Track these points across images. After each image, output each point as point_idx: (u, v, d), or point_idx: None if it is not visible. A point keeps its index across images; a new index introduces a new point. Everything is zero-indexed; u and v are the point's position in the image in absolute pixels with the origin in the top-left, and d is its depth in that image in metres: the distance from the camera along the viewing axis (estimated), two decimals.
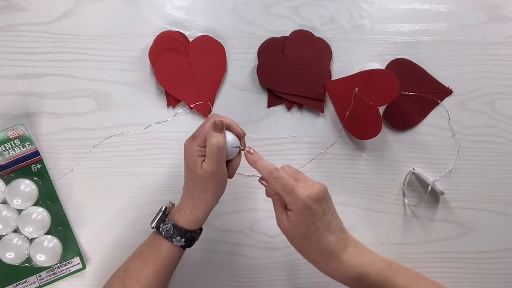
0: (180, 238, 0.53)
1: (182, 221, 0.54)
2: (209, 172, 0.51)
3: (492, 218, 0.68)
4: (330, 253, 0.49)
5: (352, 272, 0.49)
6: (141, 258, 0.54)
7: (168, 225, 0.53)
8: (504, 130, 0.69)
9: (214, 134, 0.51)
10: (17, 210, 0.63)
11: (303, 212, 0.48)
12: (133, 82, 0.68)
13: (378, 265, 0.49)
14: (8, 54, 0.67)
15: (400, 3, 0.71)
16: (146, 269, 0.53)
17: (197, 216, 0.54)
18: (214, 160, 0.51)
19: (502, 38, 0.70)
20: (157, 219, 0.55)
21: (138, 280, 0.52)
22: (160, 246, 0.54)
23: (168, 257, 0.54)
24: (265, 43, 0.69)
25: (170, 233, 0.53)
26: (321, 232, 0.48)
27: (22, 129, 0.63)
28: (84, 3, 0.68)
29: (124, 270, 0.54)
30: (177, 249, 0.54)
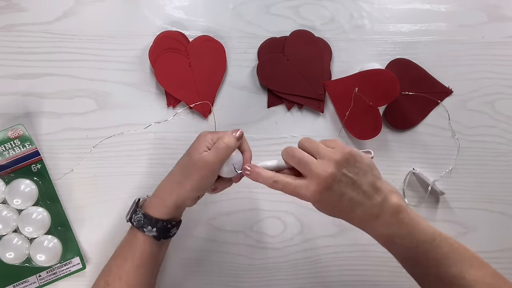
0: (151, 228, 0.53)
1: (153, 210, 0.53)
2: (205, 160, 0.51)
3: (492, 218, 0.68)
4: (362, 222, 0.49)
5: (383, 239, 0.49)
6: (120, 255, 0.54)
7: (138, 214, 0.53)
8: (504, 130, 0.69)
9: (230, 135, 0.52)
10: (17, 210, 0.63)
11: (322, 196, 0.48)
12: (133, 82, 0.68)
13: (417, 237, 0.47)
14: (8, 54, 0.67)
15: (400, 3, 0.71)
16: (126, 266, 0.53)
17: (167, 205, 0.53)
18: (216, 153, 0.51)
19: (502, 38, 0.70)
20: (130, 211, 0.55)
21: (120, 278, 0.52)
22: (135, 240, 0.54)
23: (145, 250, 0.53)
24: (265, 43, 0.69)
25: (141, 223, 0.53)
26: (357, 199, 0.48)
27: (22, 129, 0.63)
28: (84, 3, 0.68)
29: (107, 268, 0.55)
30: (151, 240, 0.53)
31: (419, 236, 0.48)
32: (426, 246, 0.47)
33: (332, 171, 0.47)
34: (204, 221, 0.66)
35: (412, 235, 0.48)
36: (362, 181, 0.48)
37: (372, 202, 0.48)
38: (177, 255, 0.65)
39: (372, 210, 0.48)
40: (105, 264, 0.56)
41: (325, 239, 0.67)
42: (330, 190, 0.47)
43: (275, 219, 0.67)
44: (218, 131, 0.55)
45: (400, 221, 0.48)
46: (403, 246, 0.48)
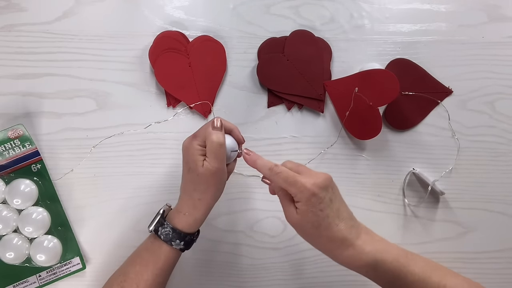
0: (180, 242, 0.53)
1: (182, 224, 0.53)
2: (211, 170, 0.51)
3: (492, 218, 0.68)
4: (343, 241, 0.48)
5: (368, 258, 0.48)
6: (140, 262, 0.54)
7: (167, 228, 0.53)
8: (504, 130, 0.69)
9: (214, 132, 0.52)
10: (17, 210, 0.63)
11: (310, 200, 0.47)
12: (133, 82, 0.68)
13: (393, 252, 0.49)
14: (8, 54, 0.67)
15: (400, 3, 0.71)
16: (145, 274, 0.52)
17: (196, 217, 0.54)
18: (216, 158, 0.51)
19: (502, 38, 0.70)
20: (155, 222, 0.54)
21: (138, 285, 0.52)
22: (159, 250, 0.53)
23: (168, 260, 0.54)
24: (265, 43, 0.69)
25: (169, 236, 0.53)
26: (331, 219, 0.48)
27: (22, 129, 0.63)
28: (84, 3, 0.68)
29: (122, 274, 0.54)
30: (176, 252, 0.54)
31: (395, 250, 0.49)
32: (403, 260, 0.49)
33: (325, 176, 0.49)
34: (204, 221, 0.66)
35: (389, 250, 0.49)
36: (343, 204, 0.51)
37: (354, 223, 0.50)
38: None
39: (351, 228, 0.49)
40: (118, 268, 0.55)
41: None
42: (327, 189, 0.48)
43: (275, 219, 0.67)
44: (197, 133, 0.54)
45: (374, 238, 0.50)
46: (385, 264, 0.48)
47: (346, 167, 0.68)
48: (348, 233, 0.48)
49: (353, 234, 0.49)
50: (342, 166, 0.68)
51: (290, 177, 0.48)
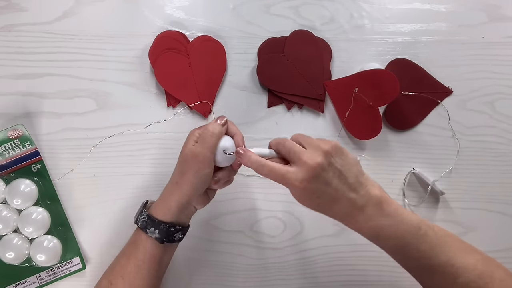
0: (154, 229, 0.52)
1: (157, 212, 0.53)
2: (193, 152, 0.51)
3: (492, 218, 0.68)
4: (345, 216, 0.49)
5: (369, 233, 0.49)
6: (123, 255, 0.55)
7: (143, 215, 0.54)
8: (504, 130, 0.69)
9: (214, 123, 0.52)
10: (17, 210, 0.63)
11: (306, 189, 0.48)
12: (133, 82, 0.68)
13: (401, 227, 0.47)
14: (8, 54, 0.67)
15: (400, 3, 0.71)
16: (128, 266, 0.53)
17: (169, 205, 0.53)
18: (202, 142, 0.51)
19: (502, 38, 0.70)
20: (137, 212, 0.55)
21: (123, 277, 0.53)
22: (138, 240, 0.54)
23: (147, 251, 0.53)
24: (265, 43, 0.69)
25: (144, 223, 0.53)
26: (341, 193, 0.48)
27: (22, 129, 0.63)
28: (84, 3, 0.68)
29: (110, 269, 0.55)
30: (154, 242, 0.53)
31: (403, 226, 0.48)
32: (412, 236, 0.47)
33: (321, 160, 0.47)
34: (204, 221, 0.66)
35: (396, 226, 0.48)
36: (348, 173, 0.48)
37: (356, 195, 0.48)
38: (177, 255, 0.65)
39: (356, 203, 0.48)
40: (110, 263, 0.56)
41: (325, 239, 0.67)
42: (317, 178, 0.47)
43: (275, 219, 0.67)
44: (205, 124, 0.54)
45: (383, 212, 0.48)
46: (388, 239, 0.48)
47: None
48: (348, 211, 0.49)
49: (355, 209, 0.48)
50: None
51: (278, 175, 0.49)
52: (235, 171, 0.56)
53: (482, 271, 0.46)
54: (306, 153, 0.48)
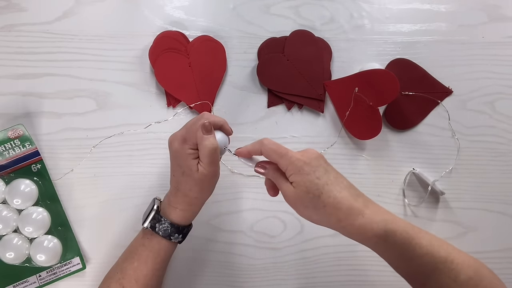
0: (178, 235, 0.54)
1: (179, 219, 0.54)
2: (207, 176, 0.51)
3: (492, 218, 0.68)
4: (350, 209, 0.46)
5: (378, 229, 0.46)
6: (138, 259, 0.54)
7: (165, 224, 0.53)
8: (504, 130, 0.69)
9: (206, 137, 0.50)
10: (17, 210, 0.63)
11: (303, 169, 0.46)
12: (133, 82, 0.68)
13: (402, 223, 0.47)
14: (8, 54, 0.67)
15: (400, 3, 0.71)
16: (145, 269, 0.53)
17: (194, 211, 0.55)
18: (210, 163, 0.50)
19: (502, 38, 0.70)
20: (149, 218, 0.54)
21: (137, 280, 0.52)
22: (158, 246, 0.54)
23: (167, 254, 0.55)
24: (265, 43, 0.69)
25: (168, 232, 0.53)
26: (332, 186, 0.46)
27: (22, 129, 0.63)
28: (84, 3, 0.68)
29: (120, 271, 0.54)
30: (174, 245, 0.56)
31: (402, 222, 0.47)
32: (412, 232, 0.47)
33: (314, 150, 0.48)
34: (204, 221, 0.66)
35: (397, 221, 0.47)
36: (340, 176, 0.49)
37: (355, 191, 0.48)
38: (177, 255, 0.65)
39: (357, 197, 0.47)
40: (114, 266, 0.55)
41: (325, 239, 0.67)
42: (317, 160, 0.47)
43: (275, 219, 0.67)
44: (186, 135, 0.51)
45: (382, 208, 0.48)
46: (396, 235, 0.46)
47: (346, 167, 0.68)
48: (354, 201, 0.46)
49: (360, 203, 0.47)
50: (342, 166, 0.68)
51: (280, 149, 0.48)
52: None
53: (476, 268, 0.47)
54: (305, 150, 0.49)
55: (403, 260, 0.48)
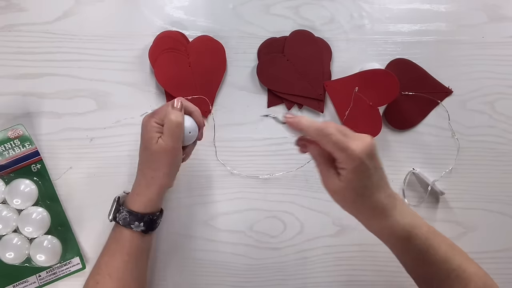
0: (139, 223, 0.53)
1: (137, 206, 0.54)
2: (164, 148, 0.51)
3: (492, 218, 0.68)
4: (382, 211, 0.47)
5: (402, 232, 0.47)
6: (107, 253, 0.55)
7: (123, 213, 0.54)
8: (504, 130, 0.69)
9: (173, 111, 0.51)
10: (17, 210, 0.62)
11: (358, 168, 0.45)
12: (133, 82, 0.68)
13: (424, 228, 0.48)
14: (8, 54, 0.67)
15: (400, 3, 0.71)
16: (115, 262, 0.53)
17: (150, 197, 0.54)
18: (171, 136, 0.51)
19: (502, 38, 0.70)
20: (112, 210, 0.55)
21: (110, 275, 0.53)
22: (122, 236, 0.54)
23: (133, 245, 0.54)
24: (265, 43, 0.69)
25: (127, 220, 0.53)
26: (375, 189, 0.46)
27: (22, 129, 0.63)
28: (84, 3, 0.68)
29: (95, 268, 0.55)
30: (139, 235, 0.54)
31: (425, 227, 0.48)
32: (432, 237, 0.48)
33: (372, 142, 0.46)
34: (203, 221, 0.66)
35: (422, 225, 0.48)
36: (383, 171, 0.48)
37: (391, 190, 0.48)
38: (177, 255, 0.65)
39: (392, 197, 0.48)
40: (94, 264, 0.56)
41: (325, 239, 0.67)
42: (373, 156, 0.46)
43: (275, 219, 0.67)
44: (156, 110, 0.53)
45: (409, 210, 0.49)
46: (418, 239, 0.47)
47: None
48: (387, 203, 0.47)
49: (390, 204, 0.47)
50: None
51: (341, 142, 0.45)
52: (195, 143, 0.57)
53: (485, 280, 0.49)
54: (360, 134, 0.47)
55: (419, 265, 0.49)
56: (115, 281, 0.52)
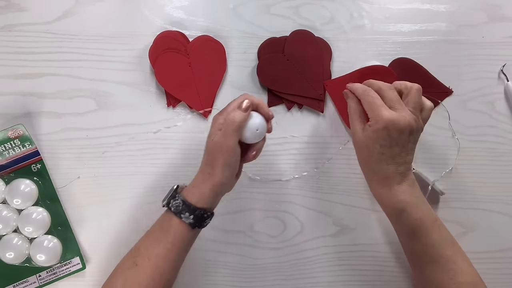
0: (189, 215, 0.53)
1: (191, 197, 0.53)
2: (216, 143, 0.51)
3: (492, 218, 0.68)
4: (384, 179, 0.52)
5: (397, 204, 0.52)
6: (152, 237, 0.54)
7: (178, 200, 0.53)
8: (504, 130, 0.69)
9: (237, 110, 0.52)
10: (17, 210, 0.63)
11: (379, 132, 0.51)
12: (133, 82, 0.68)
13: (422, 212, 0.52)
14: (8, 54, 0.67)
15: (400, 3, 0.71)
16: (156, 248, 0.53)
17: (204, 191, 0.53)
18: (224, 133, 0.51)
19: (502, 38, 0.70)
20: (168, 196, 0.54)
21: (149, 259, 0.52)
22: (169, 224, 0.53)
23: (178, 235, 0.53)
24: (265, 43, 0.69)
25: (179, 208, 0.53)
26: (384, 157, 0.52)
27: (22, 129, 0.63)
28: (84, 3, 0.68)
29: (135, 249, 0.54)
30: (187, 227, 0.53)
31: (424, 212, 0.53)
32: (428, 224, 0.52)
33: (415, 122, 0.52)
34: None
35: (420, 208, 0.52)
36: (412, 150, 0.53)
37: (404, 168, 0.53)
38: None
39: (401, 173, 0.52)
40: (134, 245, 0.55)
41: (325, 239, 0.67)
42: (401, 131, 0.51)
43: (275, 219, 0.67)
44: (225, 107, 0.54)
45: (414, 192, 0.53)
46: (409, 217, 0.52)
47: (346, 166, 0.68)
48: (392, 176, 0.52)
49: (396, 179, 0.52)
50: (342, 166, 0.68)
51: (375, 104, 0.52)
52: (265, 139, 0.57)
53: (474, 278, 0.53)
54: (407, 110, 0.53)
55: (407, 241, 0.55)
56: (152, 266, 0.52)
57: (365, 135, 0.53)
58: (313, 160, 0.68)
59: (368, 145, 0.53)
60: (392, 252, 0.67)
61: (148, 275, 0.51)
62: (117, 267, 0.54)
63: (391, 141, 0.51)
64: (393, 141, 0.51)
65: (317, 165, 0.68)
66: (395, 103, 0.53)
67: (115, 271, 0.54)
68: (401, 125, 0.51)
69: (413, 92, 0.54)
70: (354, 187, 0.68)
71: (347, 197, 0.68)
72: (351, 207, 0.68)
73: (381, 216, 0.68)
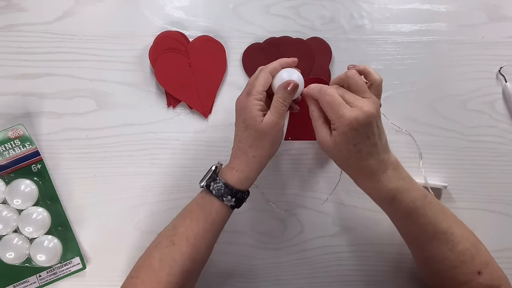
0: (231, 198, 0.53)
1: (234, 181, 0.53)
2: (270, 124, 0.52)
3: (492, 218, 0.68)
4: (370, 174, 0.51)
5: (387, 194, 0.51)
6: (190, 216, 0.54)
7: (219, 184, 0.53)
8: (504, 130, 0.69)
9: (283, 91, 0.52)
10: (17, 210, 0.63)
11: (346, 134, 0.48)
12: (133, 82, 0.68)
13: (413, 193, 0.51)
14: (8, 54, 0.67)
15: (400, 3, 0.71)
16: (196, 228, 0.53)
17: (250, 175, 0.54)
18: (279, 113, 0.52)
19: (502, 38, 0.70)
20: (207, 177, 0.54)
21: (187, 239, 0.53)
22: (210, 205, 0.54)
23: (218, 216, 0.54)
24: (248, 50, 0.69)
25: (221, 192, 0.53)
26: (363, 154, 0.49)
27: (22, 129, 0.63)
28: (84, 3, 0.68)
29: (172, 228, 0.55)
30: (227, 209, 0.54)
31: (414, 192, 0.52)
32: (420, 203, 0.51)
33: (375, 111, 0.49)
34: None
35: (409, 190, 0.51)
36: (383, 135, 0.51)
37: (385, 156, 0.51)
38: None
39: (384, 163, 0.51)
40: (169, 224, 0.56)
41: (325, 239, 0.67)
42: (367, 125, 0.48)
43: (276, 219, 0.67)
44: (250, 85, 0.54)
45: (400, 175, 0.52)
46: (402, 202, 0.51)
47: None
48: (376, 168, 0.50)
49: (381, 169, 0.50)
50: None
51: (335, 104, 0.49)
52: None
53: (473, 241, 0.54)
54: (363, 100, 0.49)
55: (403, 225, 0.55)
56: (190, 246, 0.52)
57: (334, 140, 0.50)
58: (311, 160, 0.68)
59: (341, 149, 0.50)
60: (392, 252, 0.67)
61: (186, 254, 0.52)
62: (153, 246, 0.55)
63: (362, 136, 0.48)
64: (364, 135, 0.48)
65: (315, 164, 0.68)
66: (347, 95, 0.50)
67: (151, 249, 0.54)
68: (365, 119, 0.48)
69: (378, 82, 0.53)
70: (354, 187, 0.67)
71: (347, 197, 0.68)
72: (351, 207, 0.68)
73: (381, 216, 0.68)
